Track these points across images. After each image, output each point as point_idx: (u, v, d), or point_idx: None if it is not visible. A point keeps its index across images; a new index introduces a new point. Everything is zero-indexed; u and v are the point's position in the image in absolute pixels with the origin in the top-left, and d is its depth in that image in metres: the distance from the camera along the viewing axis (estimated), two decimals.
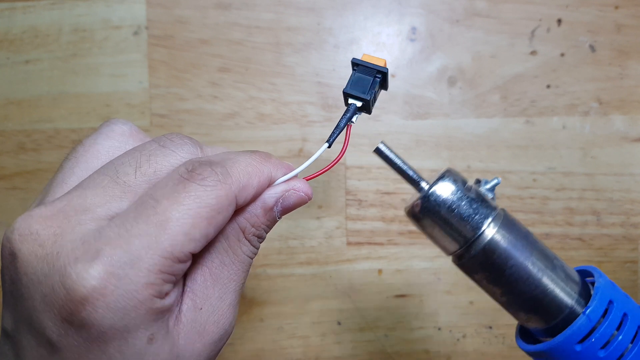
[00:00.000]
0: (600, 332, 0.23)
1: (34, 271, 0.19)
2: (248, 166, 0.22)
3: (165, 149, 0.22)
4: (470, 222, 0.24)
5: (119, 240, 0.19)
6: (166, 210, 0.19)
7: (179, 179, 0.20)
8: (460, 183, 0.25)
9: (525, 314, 0.25)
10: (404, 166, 0.26)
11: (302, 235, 0.45)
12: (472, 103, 0.45)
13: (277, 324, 0.46)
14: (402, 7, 0.45)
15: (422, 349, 0.46)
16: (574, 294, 0.24)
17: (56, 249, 0.19)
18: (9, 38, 0.46)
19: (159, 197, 0.20)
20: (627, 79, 0.45)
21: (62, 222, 0.19)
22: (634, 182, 0.45)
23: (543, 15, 0.45)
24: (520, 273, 0.24)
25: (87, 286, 0.18)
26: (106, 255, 0.18)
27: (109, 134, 0.23)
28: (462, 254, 0.25)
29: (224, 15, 0.45)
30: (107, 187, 0.20)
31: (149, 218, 0.19)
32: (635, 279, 0.46)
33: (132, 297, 0.18)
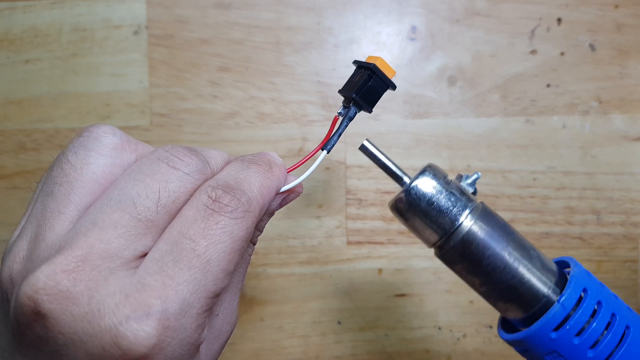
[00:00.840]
0: (574, 320, 0.24)
1: (74, 331, 0.18)
2: (262, 187, 0.22)
3: (176, 170, 0.20)
4: (449, 214, 0.25)
5: (166, 290, 0.18)
6: (206, 251, 0.19)
7: (206, 210, 0.20)
8: (440, 178, 0.26)
9: (503, 303, 0.26)
10: (387, 162, 0.27)
11: (302, 235, 0.45)
12: (472, 102, 0.45)
13: (277, 323, 0.46)
14: (402, 6, 0.45)
15: (422, 348, 0.46)
16: (549, 283, 0.25)
17: (96, 307, 0.18)
18: (9, 38, 0.46)
19: (193, 236, 0.19)
20: (627, 78, 0.45)
21: (92, 275, 0.18)
22: (634, 181, 0.45)
23: (543, 14, 0.45)
24: (497, 263, 0.25)
25: (147, 345, 0.17)
26: (158, 309, 0.18)
27: (100, 150, 0.21)
28: (442, 245, 0.26)
29: (224, 15, 0.45)
30: (129, 226, 0.19)
31: (190, 262, 0.19)
32: (635, 278, 0.46)
33: (187, 344, 0.19)
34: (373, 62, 0.27)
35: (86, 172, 0.20)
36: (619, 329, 0.25)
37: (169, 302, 0.18)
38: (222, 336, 0.23)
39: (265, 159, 0.23)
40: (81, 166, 0.20)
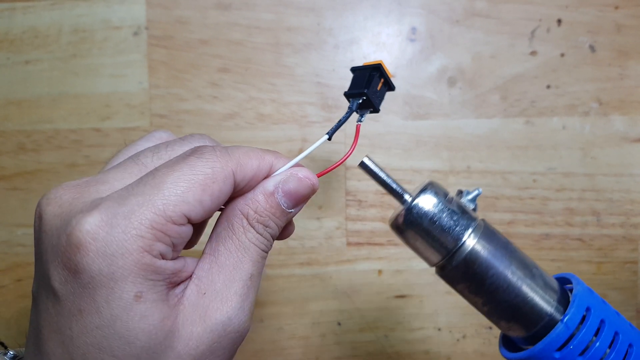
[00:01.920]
0: (578, 339, 0.24)
1: (50, 227, 0.21)
2: (250, 151, 0.23)
3: (183, 141, 0.24)
4: (452, 233, 0.25)
5: (118, 198, 0.20)
6: (163, 175, 0.21)
7: (184, 155, 0.22)
8: (441, 195, 0.25)
9: (506, 322, 0.26)
10: (387, 179, 0.26)
11: (302, 236, 0.45)
12: (472, 103, 0.45)
13: (277, 324, 0.46)
14: (402, 7, 0.45)
15: (422, 349, 0.46)
16: (552, 302, 0.25)
17: (70, 208, 0.21)
18: (9, 38, 0.46)
19: (161, 167, 0.22)
20: (627, 79, 0.45)
21: (83, 190, 0.22)
22: (634, 182, 0.45)
23: (543, 15, 0.45)
24: (500, 282, 0.25)
25: (82, 230, 0.19)
26: (103, 207, 0.20)
27: (149, 138, 0.26)
28: (445, 265, 0.25)
29: (224, 16, 0.45)
30: (127, 166, 0.23)
31: (147, 181, 0.21)
32: (635, 280, 0.46)
33: (121, 246, 0.20)
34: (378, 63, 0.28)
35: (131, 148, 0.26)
36: (622, 347, 0.24)
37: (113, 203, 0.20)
38: (207, 320, 0.22)
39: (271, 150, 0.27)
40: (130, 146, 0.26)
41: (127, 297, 0.20)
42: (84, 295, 0.20)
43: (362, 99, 0.27)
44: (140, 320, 0.20)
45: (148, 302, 0.20)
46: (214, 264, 0.23)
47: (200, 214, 0.21)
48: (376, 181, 0.26)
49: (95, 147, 0.46)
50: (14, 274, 0.46)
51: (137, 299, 0.20)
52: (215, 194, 0.21)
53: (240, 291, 0.23)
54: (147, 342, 0.20)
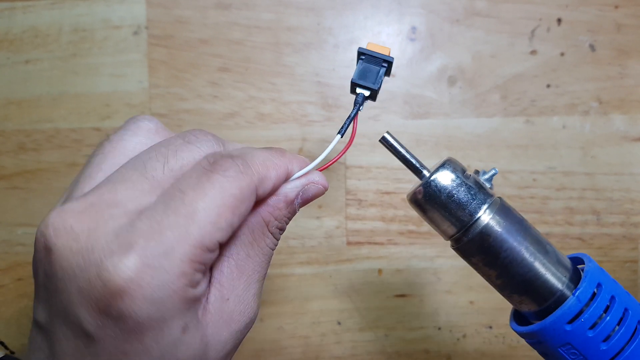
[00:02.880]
0: (589, 313, 0.25)
1: (69, 265, 0.19)
2: (266, 160, 0.23)
3: (190, 144, 0.22)
4: (468, 207, 0.26)
5: (151, 233, 0.19)
6: (193, 201, 0.20)
7: (203, 170, 0.21)
8: (459, 171, 0.26)
9: (518, 296, 0.26)
10: (407, 155, 0.27)
11: (302, 235, 0.45)
12: (472, 103, 0.45)
13: (277, 323, 0.46)
14: (402, 6, 0.45)
15: (422, 348, 0.46)
16: (564, 278, 0.26)
17: (90, 243, 0.19)
18: (9, 38, 0.46)
19: (185, 188, 0.20)
20: (627, 78, 0.45)
21: (95, 217, 0.20)
22: (634, 181, 0.45)
23: (543, 14, 0.45)
24: (514, 256, 0.25)
25: (124, 277, 0.18)
26: (140, 247, 0.19)
27: (135, 130, 0.23)
28: (460, 237, 0.26)
29: (224, 15, 0.45)
30: (136, 182, 0.21)
31: (177, 210, 0.20)
32: (635, 279, 0.46)
33: (168, 288, 0.19)
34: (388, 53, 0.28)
35: (119, 147, 0.23)
36: (631, 324, 0.25)
37: (151, 242, 0.19)
38: (233, 324, 0.23)
39: (280, 148, 0.25)
40: (116, 141, 0.23)
41: (176, 333, 0.20)
42: (130, 339, 0.19)
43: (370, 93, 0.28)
44: (186, 349, 0.20)
45: (192, 330, 0.20)
46: (234, 268, 0.23)
47: (230, 234, 0.21)
48: (396, 156, 0.27)
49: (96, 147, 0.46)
50: (14, 274, 0.46)
51: (184, 331, 0.20)
52: (243, 213, 0.21)
53: (258, 292, 0.24)
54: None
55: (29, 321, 0.47)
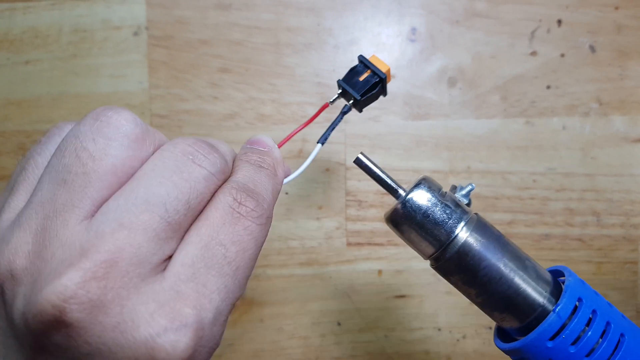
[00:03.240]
0: (570, 329, 0.24)
1: (102, 341, 0.17)
2: (274, 192, 0.22)
3: (202, 169, 0.19)
4: (445, 226, 0.25)
5: (200, 299, 0.18)
6: (236, 257, 0.19)
7: (233, 213, 0.19)
8: (435, 190, 0.26)
9: (499, 313, 0.26)
10: (382, 175, 0.27)
11: (302, 236, 0.45)
12: (472, 104, 0.45)
13: (277, 324, 0.46)
14: (402, 7, 0.45)
15: (422, 349, 0.46)
16: (545, 293, 0.25)
17: (129, 317, 0.17)
18: (9, 38, 0.46)
19: (224, 241, 0.19)
20: (627, 79, 0.45)
21: (123, 282, 0.17)
22: (634, 182, 0.45)
23: (543, 16, 0.45)
24: (493, 274, 0.25)
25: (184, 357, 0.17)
26: (194, 319, 0.17)
27: (122, 140, 0.19)
28: (439, 257, 0.26)
29: (224, 16, 0.45)
30: (159, 229, 0.18)
31: (222, 269, 0.18)
32: (635, 280, 0.46)
33: (212, 351, 0.19)
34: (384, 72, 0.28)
35: (105, 164, 0.18)
36: (614, 337, 0.25)
37: (204, 312, 0.18)
38: None
39: (270, 162, 0.23)
40: (100, 157, 0.18)
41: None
42: None
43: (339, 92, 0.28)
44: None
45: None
46: None
47: None
48: (371, 177, 0.27)
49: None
50: None
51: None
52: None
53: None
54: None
55: None
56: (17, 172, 0.21)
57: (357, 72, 0.28)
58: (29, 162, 0.20)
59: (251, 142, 0.24)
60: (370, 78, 0.28)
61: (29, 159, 0.20)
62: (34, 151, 0.21)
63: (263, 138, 0.24)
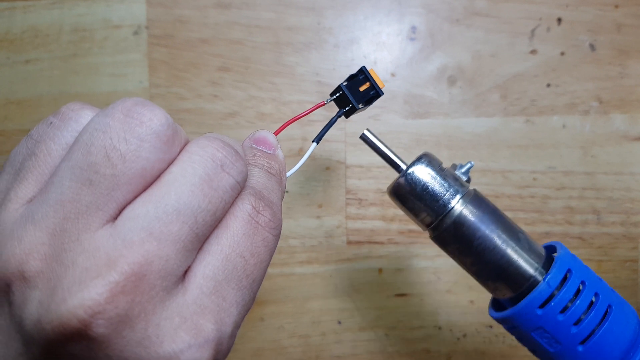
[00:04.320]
0: (559, 298, 0.26)
1: (125, 356, 0.16)
2: (282, 199, 0.22)
3: (230, 177, 0.19)
4: (442, 198, 0.27)
5: (221, 314, 0.17)
6: (253, 270, 0.19)
7: (251, 223, 0.19)
8: (434, 165, 0.28)
9: (492, 282, 0.28)
10: (386, 150, 0.29)
11: (303, 235, 0.45)
12: (472, 102, 0.45)
13: (278, 323, 0.46)
14: (402, 6, 0.45)
15: (423, 348, 0.46)
16: (536, 265, 0.27)
17: (154, 332, 0.16)
18: (9, 38, 0.46)
19: (244, 252, 0.18)
20: (627, 78, 0.45)
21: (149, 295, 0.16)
22: (634, 181, 0.45)
23: (543, 14, 0.45)
24: (486, 244, 0.27)
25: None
26: (215, 335, 0.17)
27: (154, 143, 0.17)
28: (436, 227, 0.28)
29: (224, 15, 0.45)
30: (187, 241, 0.17)
31: (241, 282, 0.18)
32: (635, 278, 0.46)
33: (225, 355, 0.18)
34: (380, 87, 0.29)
35: (136, 167, 0.17)
36: (601, 308, 0.26)
37: (224, 327, 0.18)
38: None
39: (277, 168, 0.23)
40: (131, 159, 0.17)
41: None
42: None
43: (339, 94, 0.29)
44: None
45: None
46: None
47: None
48: (375, 151, 0.29)
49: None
50: None
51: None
52: None
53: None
54: None
55: None
56: (25, 154, 0.18)
57: (358, 81, 0.29)
58: (40, 148, 0.18)
59: (256, 140, 0.24)
60: (369, 91, 0.29)
61: (39, 142, 0.18)
62: (45, 135, 0.19)
63: (267, 137, 0.24)
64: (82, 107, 0.20)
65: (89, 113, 0.19)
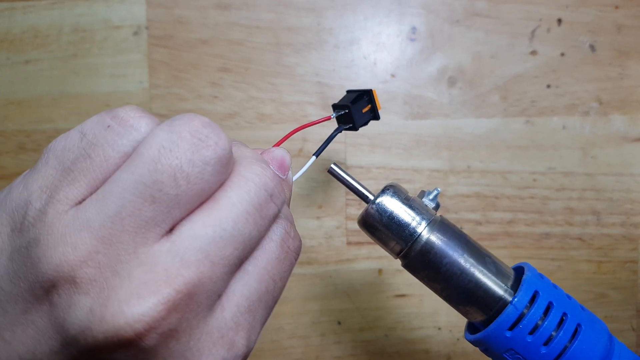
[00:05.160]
0: (527, 319, 0.26)
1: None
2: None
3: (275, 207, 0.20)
4: (408, 227, 0.28)
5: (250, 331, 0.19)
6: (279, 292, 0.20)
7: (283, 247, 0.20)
8: (400, 195, 0.28)
9: (463, 306, 0.28)
10: (353, 182, 0.29)
11: (302, 235, 0.46)
12: (472, 103, 0.45)
13: (277, 323, 0.46)
14: (402, 7, 0.45)
15: (422, 348, 0.46)
16: (505, 287, 0.27)
17: (195, 346, 0.17)
18: (9, 38, 0.46)
19: (275, 276, 0.20)
20: (627, 79, 0.45)
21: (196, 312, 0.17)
22: (634, 182, 0.45)
23: (543, 15, 0.45)
24: (454, 269, 0.27)
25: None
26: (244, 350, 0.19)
27: (216, 166, 0.18)
28: (405, 255, 0.28)
29: (224, 16, 0.45)
30: (233, 265, 0.18)
31: (268, 303, 0.20)
32: (635, 279, 0.46)
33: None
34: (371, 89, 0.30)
35: (197, 188, 0.18)
36: (570, 327, 0.26)
37: (250, 343, 0.19)
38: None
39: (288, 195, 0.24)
40: (195, 181, 0.18)
41: None
42: None
43: (345, 112, 0.30)
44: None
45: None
46: None
47: None
48: (343, 184, 0.30)
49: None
50: None
51: None
52: None
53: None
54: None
55: None
56: (77, 154, 0.18)
57: (363, 101, 0.30)
58: (96, 152, 0.18)
59: (273, 159, 0.24)
60: (369, 113, 0.31)
61: (96, 146, 0.18)
62: (103, 139, 0.18)
63: (285, 160, 0.24)
64: (142, 115, 0.19)
65: (149, 123, 0.19)
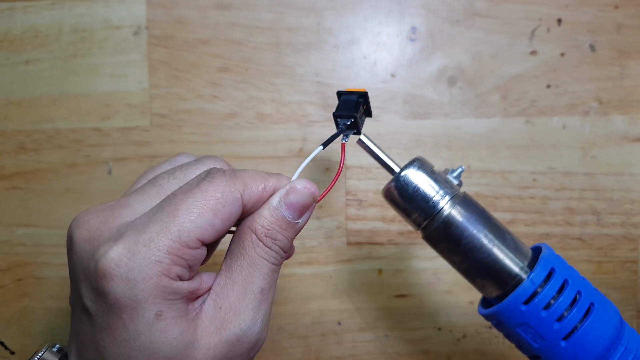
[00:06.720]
0: (542, 295, 0.27)
1: (80, 250, 0.23)
2: (255, 174, 0.25)
3: (198, 163, 0.26)
4: (432, 200, 0.29)
5: (140, 226, 0.23)
6: (178, 201, 0.23)
7: (197, 179, 0.24)
8: (426, 168, 0.29)
9: (480, 280, 0.29)
10: (380, 154, 0.30)
11: (302, 235, 0.45)
12: (472, 103, 0.45)
13: (277, 324, 0.46)
14: (402, 7, 0.45)
15: (422, 349, 0.46)
16: (521, 264, 0.28)
17: (97, 234, 0.23)
18: (9, 38, 0.46)
19: (177, 192, 0.24)
20: (627, 78, 0.45)
21: (108, 215, 0.24)
22: (634, 182, 0.45)
23: (543, 15, 0.45)
24: (474, 243, 0.28)
25: (108, 260, 0.22)
26: (127, 237, 0.22)
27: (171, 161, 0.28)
28: (427, 227, 0.29)
29: (224, 16, 0.45)
30: (146, 190, 0.25)
31: (164, 208, 0.23)
32: (635, 279, 0.46)
33: (142, 271, 0.22)
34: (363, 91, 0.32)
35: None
36: (583, 305, 0.27)
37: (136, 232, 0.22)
38: (223, 332, 0.24)
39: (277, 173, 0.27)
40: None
41: (149, 315, 0.22)
42: (112, 314, 0.22)
43: (351, 121, 0.31)
44: (161, 334, 0.22)
45: (168, 319, 0.22)
46: (228, 279, 0.25)
47: (213, 236, 0.23)
48: (371, 156, 0.30)
49: (96, 147, 0.46)
50: (14, 274, 0.46)
51: (158, 317, 0.22)
52: (226, 217, 0.23)
53: (252, 304, 0.25)
54: (168, 352, 0.23)
55: (29, 321, 0.47)
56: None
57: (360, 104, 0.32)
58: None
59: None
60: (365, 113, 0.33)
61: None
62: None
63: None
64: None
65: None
